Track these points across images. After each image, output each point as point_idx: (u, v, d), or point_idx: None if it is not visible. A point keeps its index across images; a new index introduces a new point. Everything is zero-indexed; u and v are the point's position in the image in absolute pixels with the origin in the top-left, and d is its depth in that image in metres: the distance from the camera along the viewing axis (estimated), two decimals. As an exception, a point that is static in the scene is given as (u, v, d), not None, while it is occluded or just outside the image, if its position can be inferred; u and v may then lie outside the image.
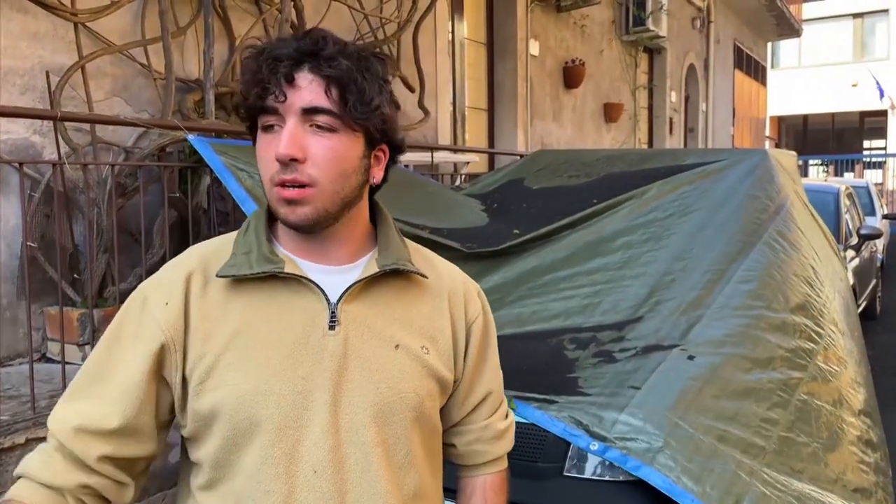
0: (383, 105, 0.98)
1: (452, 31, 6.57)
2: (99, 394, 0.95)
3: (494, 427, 1.16)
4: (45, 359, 3.29)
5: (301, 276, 0.98)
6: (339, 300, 0.99)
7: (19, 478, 0.94)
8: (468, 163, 5.69)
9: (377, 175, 1.04)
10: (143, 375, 0.94)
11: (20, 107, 3.11)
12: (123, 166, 3.35)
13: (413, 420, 1.00)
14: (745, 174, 3.27)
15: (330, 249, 1.02)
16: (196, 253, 1.04)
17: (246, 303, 0.98)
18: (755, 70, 15.97)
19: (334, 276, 1.01)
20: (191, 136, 2.85)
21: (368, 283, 1.02)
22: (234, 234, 1.06)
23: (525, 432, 2.13)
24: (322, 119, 0.94)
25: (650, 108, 10.76)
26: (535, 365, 2.42)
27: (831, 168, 18.30)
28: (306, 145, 0.94)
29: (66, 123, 3.29)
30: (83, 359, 3.11)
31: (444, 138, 6.10)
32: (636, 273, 2.78)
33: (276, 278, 0.98)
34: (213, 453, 0.95)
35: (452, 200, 3.57)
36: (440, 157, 5.23)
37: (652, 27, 9.02)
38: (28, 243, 3.00)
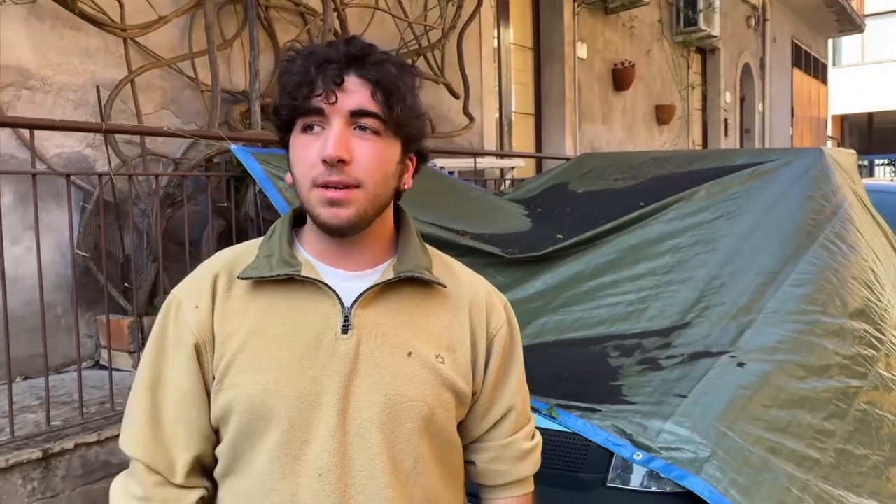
0: (421, 110, 1.02)
1: (498, 37, 6.54)
2: (167, 405, 1.00)
3: (518, 446, 1.13)
4: (98, 366, 3.38)
5: (317, 280, 0.99)
6: (353, 305, 0.99)
7: None
8: (514, 168, 5.64)
9: (408, 181, 1.05)
10: (194, 379, 0.99)
11: (68, 120, 3.21)
12: (171, 176, 3.42)
13: (423, 429, 0.99)
14: (799, 174, 3.14)
15: (353, 254, 1.02)
16: (223, 256, 1.07)
17: (264, 304, 1.00)
18: (815, 68, 15.49)
19: (352, 282, 1.01)
20: (233, 146, 2.89)
21: (385, 290, 1.02)
22: (261, 238, 1.08)
23: (567, 442, 2.07)
24: (368, 122, 0.95)
25: (703, 110, 10.53)
26: (577, 373, 2.36)
27: (899, 167, 17.59)
28: (352, 147, 0.95)
29: (117, 136, 3.38)
30: (133, 366, 3.18)
31: (490, 144, 6.07)
32: (684, 277, 2.70)
33: (294, 281, 1.00)
34: (228, 449, 0.99)
35: (495, 205, 3.53)
36: (485, 162, 5.20)
37: (704, 27, 8.82)
38: (80, 253, 3.08)
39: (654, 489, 2.02)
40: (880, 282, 2.85)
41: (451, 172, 4.48)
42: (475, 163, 4.80)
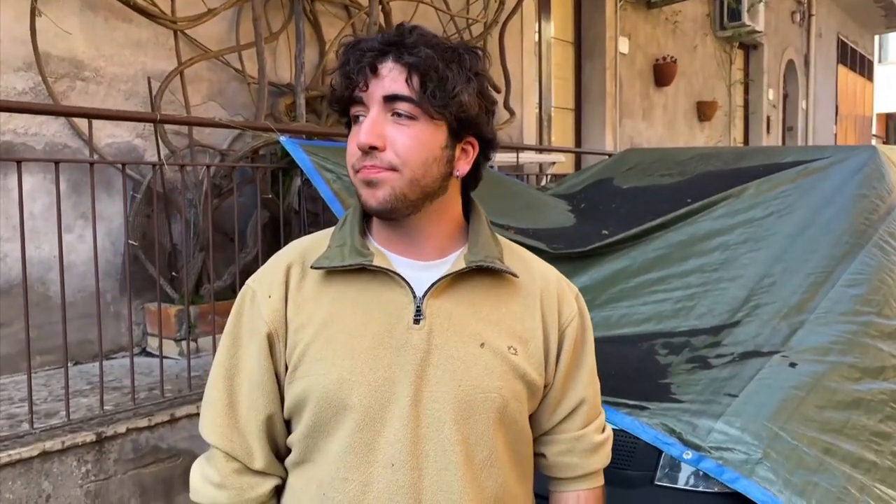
0: (468, 95, 0.97)
1: (539, 31, 6.50)
2: (243, 393, 1.02)
3: (589, 439, 1.12)
4: (144, 353, 3.44)
5: (389, 270, 0.99)
6: (425, 295, 0.99)
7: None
8: (554, 163, 5.61)
9: (462, 168, 1.02)
10: (266, 367, 1.01)
11: (124, 110, 3.27)
12: (219, 167, 3.47)
13: (496, 421, 0.98)
14: (851, 172, 3.07)
15: (418, 242, 1.02)
16: (296, 246, 1.08)
17: (336, 294, 1.00)
18: (861, 65, 15.12)
19: (423, 272, 1.01)
20: (282, 138, 2.92)
21: (456, 280, 1.01)
22: (333, 228, 1.08)
23: (615, 439, 2.03)
24: (402, 107, 0.95)
25: (746, 106, 10.34)
26: (624, 370, 2.34)
27: (946, 167, 17.10)
28: (386, 133, 0.95)
29: (166, 127, 3.44)
30: (179, 353, 3.24)
31: (530, 138, 6.04)
32: (733, 275, 2.65)
33: (366, 271, 1.00)
34: (302, 437, 1.00)
35: (538, 200, 3.52)
36: (525, 157, 5.17)
37: (748, 22, 8.66)
38: (130, 242, 3.14)
39: (701, 489, 2.00)
40: (937, 283, 2.78)
41: (491, 166, 4.47)
42: (517, 157, 4.78)
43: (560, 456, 1.11)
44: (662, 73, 7.86)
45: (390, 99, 0.95)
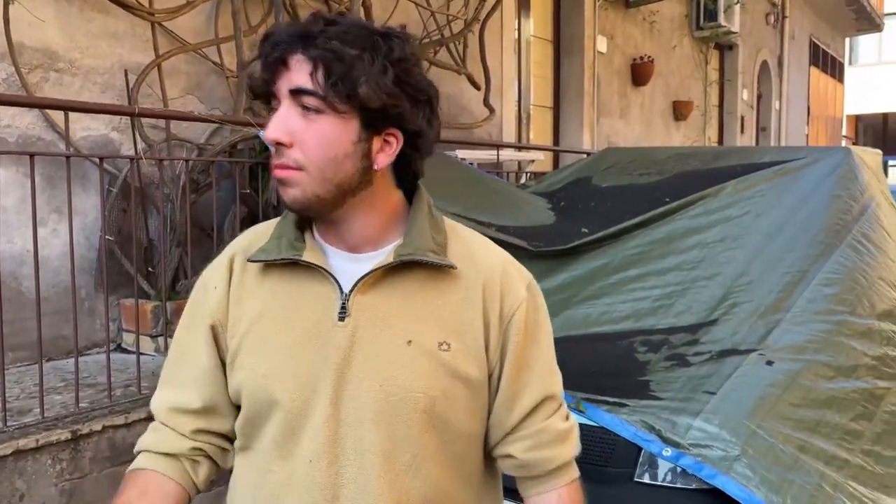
0: (379, 84, 0.91)
1: (519, 29, 6.51)
2: (181, 378, 1.05)
3: (554, 427, 1.05)
4: (119, 349, 3.40)
5: (316, 265, 0.98)
6: (351, 290, 0.97)
7: (139, 453, 1.05)
8: (533, 161, 5.63)
9: (381, 161, 0.97)
10: (208, 357, 1.02)
11: (101, 103, 3.22)
12: (197, 162, 3.43)
13: (423, 422, 0.95)
14: (826, 173, 3.12)
15: (348, 235, 1.00)
16: (243, 237, 1.09)
17: (272, 287, 1.01)
18: (832, 66, 15.38)
19: (356, 264, 0.99)
20: (261, 133, 2.89)
21: (388, 273, 0.98)
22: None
23: (595, 436, 2.07)
24: (308, 101, 0.92)
25: (721, 106, 10.47)
26: (604, 367, 2.36)
27: (913, 169, 17.47)
28: (294, 129, 0.92)
29: (143, 120, 3.39)
30: (156, 350, 3.20)
31: (509, 136, 6.05)
32: (711, 273, 2.69)
33: (300, 265, 0.99)
34: (241, 426, 1.02)
35: (519, 198, 3.53)
36: (504, 154, 5.19)
37: (724, 23, 8.76)
38: (105, 237, 3.10)
39: (680, 485, 2.02)
40: (908, 283, 2.84)
41: (471, 164, 4.48)
42: (498, 155, 4.79)
43: (530, 452, 1.04)
44: (640, 73, 7.92)
45: (296, 92, 0.92)
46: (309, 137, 0.92)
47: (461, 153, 4.48)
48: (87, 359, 3.24)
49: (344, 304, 0.96)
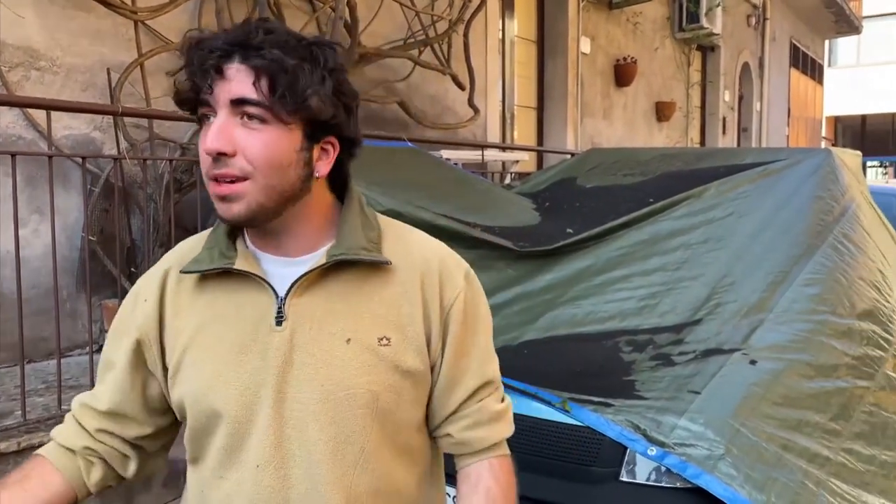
0: (321, 96, 0.93)
1: (503, 30, 6.53)
2: (103, 378, 1.06)
3: (489, 408, 1.07)
4: (102, 350, 3.36)
5: (249, 272, 0.98)
6: (287, 294, 0.97)
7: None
8: (517, 161, 5.65)
9: (322, 168, 0.99)
10: (125, 367, 1.03)
11: (84, 102, 3.19)
12: (180, 161, 3.41)
13: (367, 417, 0.96)
14: (808, 174, 3.16)
15: (284, 242, 1.00)
16: (177, 249, 1.08)
17: (209, 298, 1.01)
18: (812, 68, 15.55)
19: (291, 268, 0.99)
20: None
21: (322, 275, 0.99)
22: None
23: (580, 435, 2.08)
24: (251, 110, 0.91)
25: (703, 107, 10.55)
26: (589, 367, 2.37)
27: (890, 170, 17.72)
28: (236, 139, 0.91)
29: (126, 120, 3.36)
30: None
31: (493, 136, 6.07)
32: (695, 274, 2.71)
33: (232, 274, 0.99)
34: (189, 440, 1.03)
35: (503, 199, 3.53)
36: (489, 155, 5.20)
37: (706, 24, 8.83)
38: (87, 237, 3.07)
39: (665, 484, 2.04)
40: (888, 283, 2.88)
41: (455, 164, 4.48)
42: (483, 155, 4.79)
43: (466, 431, 1.06)
44: (623, 74, 7.96)
45: (238, 102, 0.91)
46: (252, 146, 0.92)
47: (446, 153, 4.48)
48: (69, 360, 3.20)
49: (280, 308, 0.97)
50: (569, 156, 4.77)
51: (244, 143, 0.91)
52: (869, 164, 19.40)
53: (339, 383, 0.95)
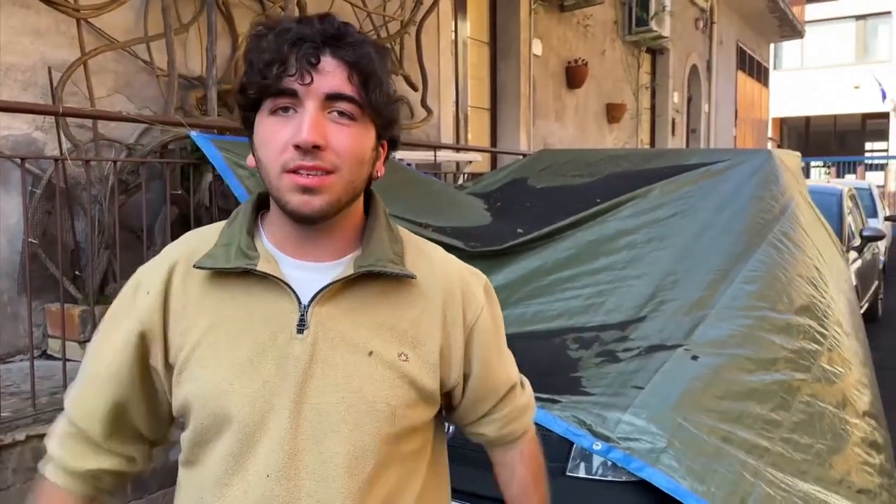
0: (391, 95, 0.97)
1: (455, 31, 6.56)
2: (97, 375, 1.00)
3: (517, 404, 1.13)
4: (45, 355, 3.28)
5: (273, 276, 0.95)
6: (311, 302, 0.95)
7: (49, 461, 1.02)
8: (471, 162, 5.68)
9: (381, 169, 1.00)
10: (125, 360, 0.97)
11: (24, 102, 3.11)
12: (125, 162, 3.34)
13: (384, 431, 0.95)
14: (749, 174, 3.26)
15: (319, 244, 0.98)
16: (186, 242, 1.03)
17: (222, 297, 0.96)
18: (758, 71, 15.97)
19: (315, 274, 0.97)
20: (193, 133, 2.84)
21: (346, 285, 0.97)
22: (225, 221, 1.04)
23: (528, 432, 2.11)
24: (344, 106, 0.91)
25: (652, 109, 10.75)
26: (538, 364, 2.40)
27: (833, 170, 18.31)
28: (327, 132, 0.90)
29: (69, 120, 3.29)
30: (83, 356, 3.10)
31: (447, 137, 6.09)
32: (640, 273, 2.77)
33: (252, 274, 0.95)
34: (189, 440, 0.97)
35: (456, 199, 3.56)
36: (443, 156, 5.22)
37: (655, 28, 9.01)
38: (29, 240, 2.99)
39: (611, 478, 2.08)
40: (824, 279, 2.98)
41: (408, 164, 4.50)
42: (435, 156, 4.81)
43: (503, 429, 1.12)
44: (574, 76, 8.07)
45: (333, 97, 0.90)
46: (343, 141, 0.91)
47: (399, 154, 4.49)
48: (9, 366, 3.12)
49: (303, 316, 0.94)
50: (521, 157, 4.82)
51: (334, 137, 0.90)
52: (813, 164, 20.02)
53: (360, 396, 0.93)
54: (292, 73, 0.89)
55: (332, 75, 0.90)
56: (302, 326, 0.94)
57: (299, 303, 0.94)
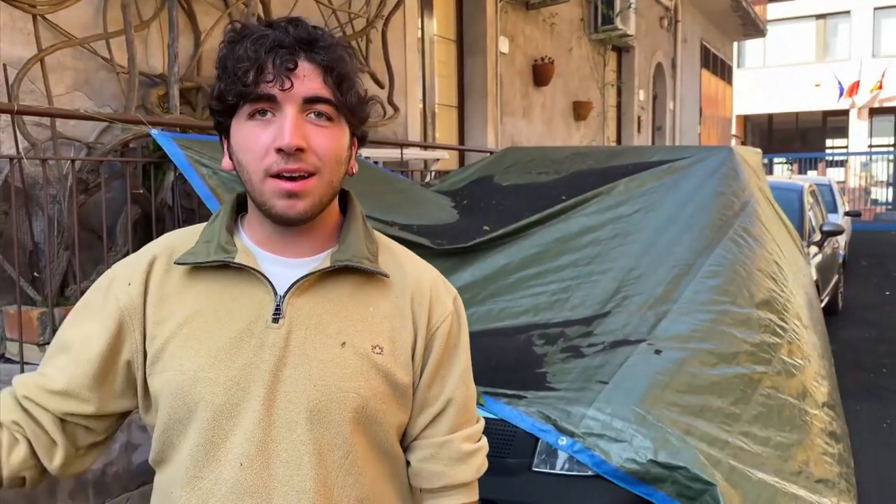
0: (362, 93, 1.01)
1: (422, 28, 6.55)
2: (55, 359, 1.00)
3: (455, 446, 1.05)
4: (3, 359, 3.21)
5: (250, 268, 0.97)
6: (286, 293, 0.97)
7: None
8: (438, 160, 5.68)
9: (354, 166, 1.03)
10: (99, 349, 0.97)
11: (-24, 100, 3.03)
12: (85, 161, 3.28)
13: (354, 421, 0.96)
14: (710, 171, 3.31)
15: (298, 242, 1.01)
16: (166, 239, 1.06)
17: (200, 290, 0.99)
18: (722, 69, 16.20)
19: (292, 269, 0.99)
20: (154, 131, 2.80)
21: (322, 278, 0.99)
22: (206, 223, 1.06)
23: (494, 428, 2.12)
24: (323, 108, 0.94)
25: (619, 107, 10.85)
26: (503, 361, 2.42)
27: (795, 166, 18.66)
28: (307, 135, 0.93)
29: (26, 118, 3.21)
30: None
31: (414, 135, 6.08)
32: (604, 269, 2.80)
33: (230, 268, 0.98)
34: (160, 434, 0.98)
35: (422, 197, 3.56)
36: (410, 153, 5.21)
37: (620, 26, 9.09)
38: (-15, 241, 2.92)
39: (576, 473, 2.10)
40: (783, 274, 3.04)
41: (375, 162, 4.48)
42: (402, 153, 4.80)
43: (423, 462, 1.05)
44: (541, 74, 8.10)
45: (311, 100, 0.93)
46: (322, 143, 0.94)
47: (365, 152, 4.47)
48: (-34, 370, 3.04)
49: (279, 306, 0.96)
50: (488, 154, 4.84)
51: (313, 139, 0.93)
52: (776, 160, 20.38)
53: (331, 385, 0.95)
54: (270, 79, 0.92)
55: (308, 79, 0.93)
56: (277, 315, 0.96)
57: (275, 293, 0.97)
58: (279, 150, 0.92)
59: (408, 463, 1.07)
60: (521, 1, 7.67)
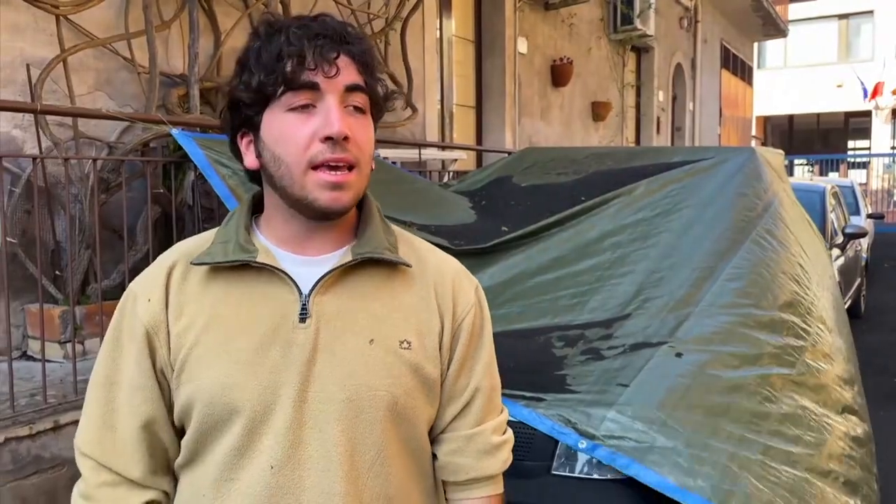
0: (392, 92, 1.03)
1: (440, 29, 6.54)
2: (116, 402, 0.97)
3: (484, 438, 1.04)
4: (25, 356, 3.24)
5: (273, 267, 0.95)
6: (311, 291, 0.96)
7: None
8: (456, 160, 5.67)
9: (372, 161, 1.03)
10: (146, 369, 0.96)
11: (1, 99, 3.06)
12: (106, 161, 3.30)
13: (386, 419, 0.95)
14: (732, 172, 3.27)
15: (321, 238, 0.99)
16: (181, 246, 1.04)
17: (219, 293, 0.97)
18: (742, 70, 16.06)
19: (313, 267, 0.98)
20: (174, 131, 2.81)
21: (345, 274, 0.98)
22: (216, 229, 1.04)
23: (512, 430, 2.10)
24: (360, 99, 0.95)
25: (637, 107, 10.79)
26: (522, 363, 2.40)
27: (816, 168, 18.46)
28: (349, 125, 0.93)
29: (48, 118, 3.24)
30: (64, 356, 3.07)
31: (432, 135, 6.07)
32: (624, 271, 2.77)
33: (251, 268, 0.96)
34: (191, 441, 0.97)
35: (440, 197, 3.55)
36: (428, 154, 5.20)
37: (640, 26, 9.03)
38: (8, 239, 2.95)
39: (596, 476, 2.08)
40: (807, 276, 3.00)
41: (394, 163, 4.48)
42: (420, 154, 4.80)
43: (450, 456, 1.04)
44: (559, 74, 8.07)
45: (352, 88, 0.93)
46: (361, 133, 0.94)
47: (384, 152, 4.47)
48: (-12, 368, 3.07)
49: (304, 305, 0.94)
50: (506, 155, 4.82)
51: (353, 129, 0.93)
52: (797, 162, 20.17)
53: (362, 383, 0.94)
54: (312, 67, 0.91)
55: (346, 70, 0.93)
56: (304, 315, 0.94)
57: (300, 293, 0.95)
58: (326, 139, 0.91)
59: (434, 457, 1.06)
60: (540, 1, 7.65)
